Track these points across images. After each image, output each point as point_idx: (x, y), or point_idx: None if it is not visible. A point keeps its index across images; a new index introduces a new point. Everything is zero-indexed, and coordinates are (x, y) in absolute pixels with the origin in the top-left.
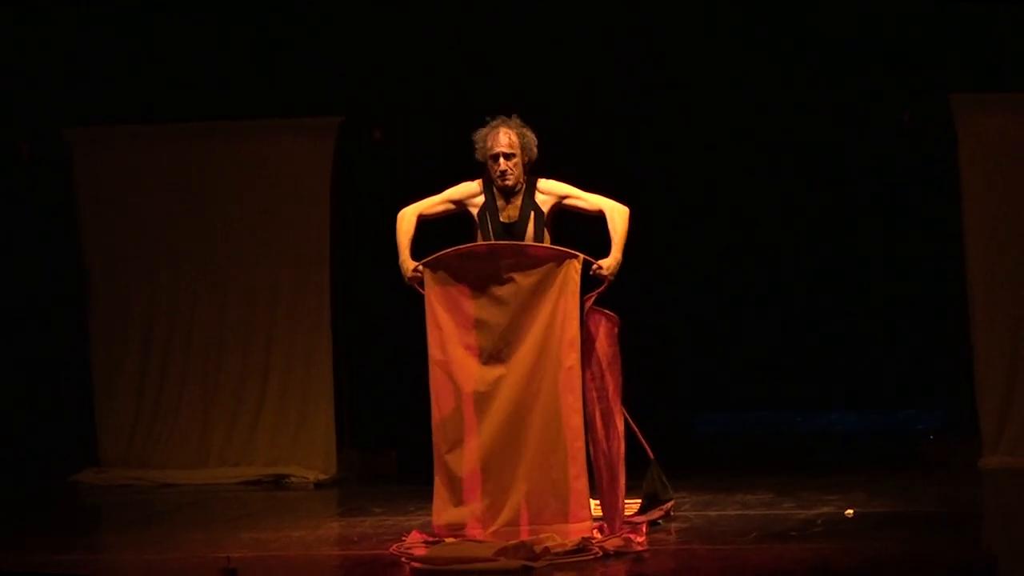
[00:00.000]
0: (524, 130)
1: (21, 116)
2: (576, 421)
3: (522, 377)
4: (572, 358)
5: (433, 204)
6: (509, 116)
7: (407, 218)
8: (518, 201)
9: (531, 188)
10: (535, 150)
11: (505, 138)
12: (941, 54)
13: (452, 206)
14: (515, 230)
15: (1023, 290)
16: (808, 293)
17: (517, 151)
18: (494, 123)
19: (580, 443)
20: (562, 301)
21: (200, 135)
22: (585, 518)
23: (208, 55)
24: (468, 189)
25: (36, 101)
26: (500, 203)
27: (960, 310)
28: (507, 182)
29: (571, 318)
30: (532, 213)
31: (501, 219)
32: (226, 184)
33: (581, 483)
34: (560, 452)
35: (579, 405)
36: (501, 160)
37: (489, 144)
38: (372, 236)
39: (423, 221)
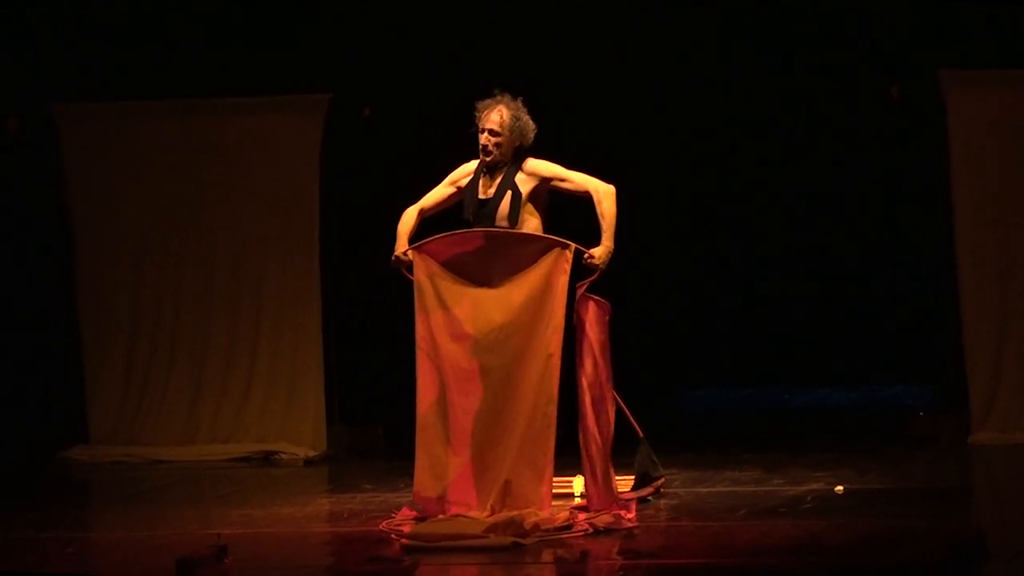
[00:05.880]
0: (521, 114)
1: (8, 90)
2: (552, 410)
3: (508, 364)
4: (555, 346)
5: (434, 194)
6: (515, 97)
7: (408, 213)
8: (498, 179)
9: (515, 168)
10: (530, 136)
11: (497, 116)
12: (930, 30)
13: (454, 189)
14: (488, 207)
15: (1011, 266)
16: (797, 269)
17: (505, 132)
18: (497, 98)
19: (553, 431)
20: (551, 291)
21: (188, 112)
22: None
23: (197, 32)
24: (466, 168)
25: (24, 76)
26: (484, 180)
27: (949, 286)
28: (486, 158)
29: (559, 307)
30: (509, 192)
31: (480, 195)
32: (214, 162)
33: (550, 472)
34: (541, 440)
35: (556, 394)
36: (486, 135)
37: (482, 117)
38: (361, 213)
39: (428, 215)
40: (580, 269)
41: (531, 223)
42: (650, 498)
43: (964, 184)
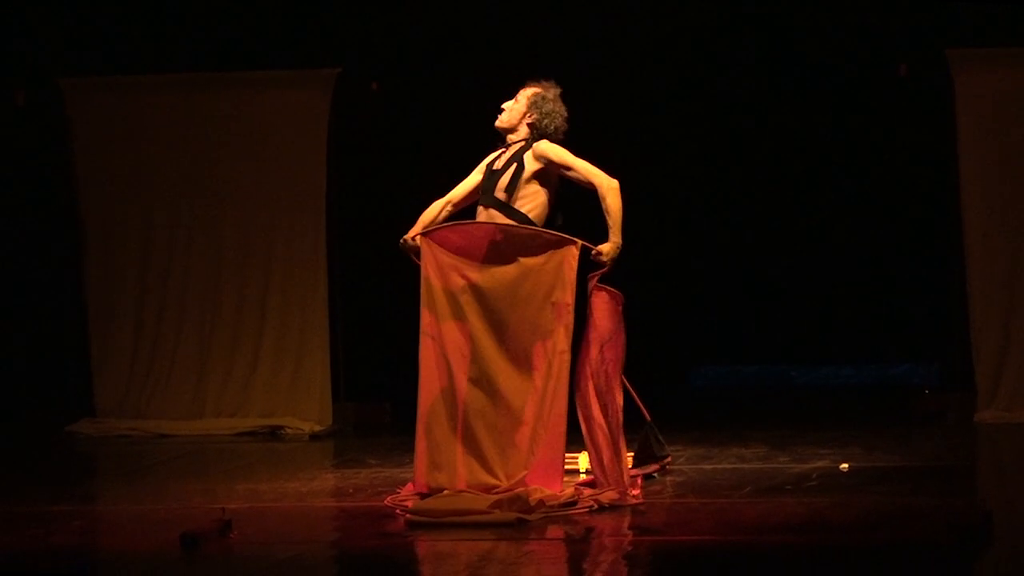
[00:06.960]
0: (549, 97)
1: (17, 62)
2: (561, 407)
3: (515, 360)
4: (564, 343)
5: (465, 183)
6: (559, 86)
7: (434, 204)
8: (509, 153)
9: (527, 147)
10: (551, 125)
11: (528, 89)
12: (938, 9)
13: (482, 175)
14: (495, 177)
15: (1019, 244)
16: (804, 247)
17: (523, 105)
18: (541, 80)
19: (564, 427)
20: (559, 287)
21: (196, 86)
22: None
23: (205, 5)
24: (496, 153)
25: (31, 48)
26: (502, 152)
27: (956, 264)
28: (498, 121)
29: (567, 304)
30: (514, 165)
31: (494, 166)
32: (222, 136)
33: (561, 464)
34: (552, 437)
35: (566, 391)
36: (506, 102)
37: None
38: (369, 189)
39: (461, 208)
40: (589, 264)
41: (539, 198)
42: (655, 475)
43: (972, 163)
